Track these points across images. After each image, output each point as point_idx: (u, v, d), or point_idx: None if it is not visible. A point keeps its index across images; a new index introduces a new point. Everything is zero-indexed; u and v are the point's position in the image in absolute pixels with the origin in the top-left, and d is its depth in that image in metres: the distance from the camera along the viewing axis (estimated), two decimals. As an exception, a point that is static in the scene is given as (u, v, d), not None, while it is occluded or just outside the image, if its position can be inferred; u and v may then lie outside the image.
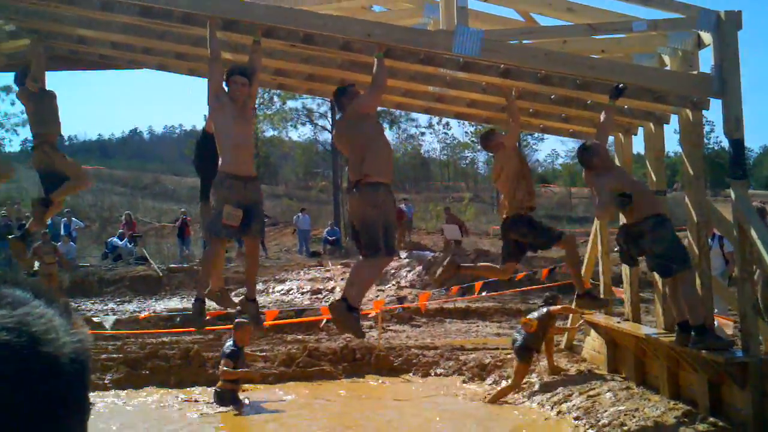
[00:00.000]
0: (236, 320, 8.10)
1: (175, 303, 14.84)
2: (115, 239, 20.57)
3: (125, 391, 8.62)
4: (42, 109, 7.05)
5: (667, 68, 6.13)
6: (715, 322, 6.43)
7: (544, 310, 8.14)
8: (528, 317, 8.11)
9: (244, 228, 5.63)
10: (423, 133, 41.13)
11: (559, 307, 8.32)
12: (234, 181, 5.59)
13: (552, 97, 6.92)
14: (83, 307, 14.36)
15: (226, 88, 5.73)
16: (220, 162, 5.69)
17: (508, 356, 9.35)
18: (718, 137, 43.61)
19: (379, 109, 31.15)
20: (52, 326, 0.77)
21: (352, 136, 5.74)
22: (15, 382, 0.71)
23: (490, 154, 8.02)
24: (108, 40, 7.27)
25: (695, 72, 5.89)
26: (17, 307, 0.76)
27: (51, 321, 0.77)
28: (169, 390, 8.70)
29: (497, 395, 7.94)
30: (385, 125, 36.11)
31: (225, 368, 7.87)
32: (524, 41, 6.01)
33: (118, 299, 15.48)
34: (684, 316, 5.84)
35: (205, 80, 5.89)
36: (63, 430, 0.75)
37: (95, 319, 11.38)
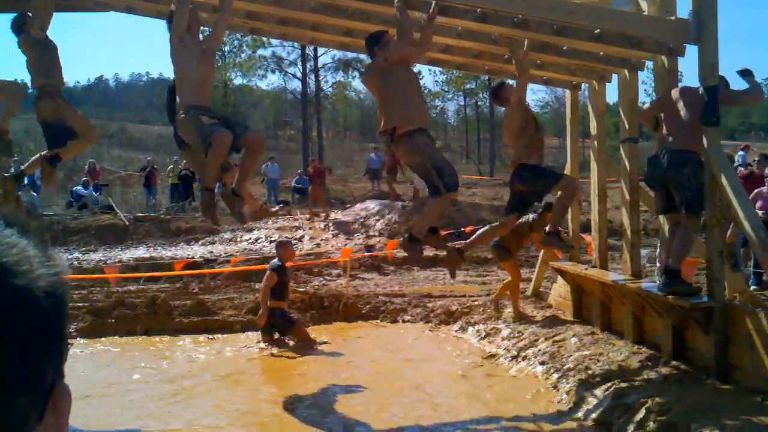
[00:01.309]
0: (279, 239, 8.69)
1: (141, 252, 14.66)
2: (79, 188, 20.13)
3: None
4: (47, 57, 6.72)
5: (645, 13, 6.05)
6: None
7: (530, 217, 8.44)
8: None
9: (235, 135, 5.68)
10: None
11: (538, 220, 8.44)
12: (199, 108, 5.75)
13: (527, 42, 6.81)
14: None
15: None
16: (180, 99, 5.74)
17: (475, 303, 9.46)
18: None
19: (350, 56, 30.36)
20: (26, 257, 0.69)
21: (384, 84, 5.85)
22: None
23: (461, 104, 8.02)
24: (72, -20, 6.93)
25: (673, 17, 5.83)
26: None
27: (24, 251, 0.69)
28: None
29: (500, 291, 8.96)
30: (355, 75, 35.71)
31: (265, 282, 8.20)
32: (501, -16, 5.86)
33: (84, 248, 15.23)
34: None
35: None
36: (37, 370, 0.68)
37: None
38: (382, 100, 5.93)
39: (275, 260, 8.50)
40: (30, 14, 6.67)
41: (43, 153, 7.03)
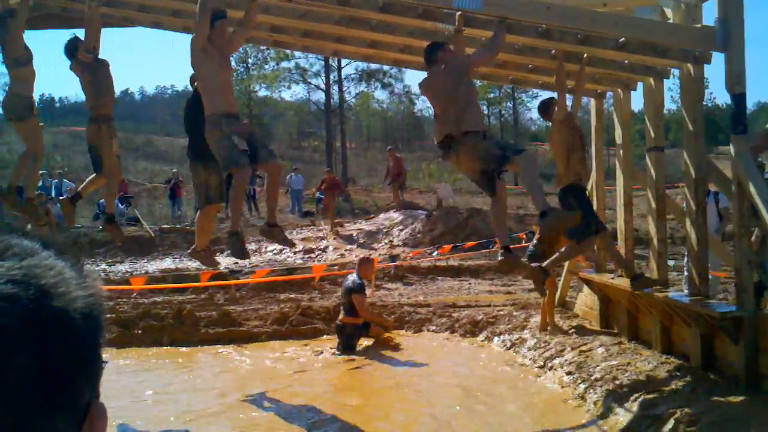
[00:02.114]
0: (362, 256, 9.00)
1: (167, 263, 14.82)
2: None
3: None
4: (97, 80, 6.85)
5: (670, 21, 6.02)
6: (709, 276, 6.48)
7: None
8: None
9: (255, 157, 5.82)
10: (412, 100, 40.91)
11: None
12: (230, 116, 5.84)
13: (552, 52, 6.81)
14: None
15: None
16: (208, 107, 5.83)
17: (500, 313, 9.42)
18: (712, 93, 43.60)
19: (373, 67, 30.42)
20: (63, 279, 0.70)
21: (452, 91, 5.87)
22: (22, 338, 0.65)
23: (485, 113, 8.04)
24: (101, -3, 7.07)
25: (698, 25, 5.79)
26: (25, 258, 0.70)
27: (61, 273, 0.71)
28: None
29: (547, 313, 8.33)
30: (378, 86, 35.85)
31: (362, 305, 8.38)
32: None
33: (110, 260, 15.43)
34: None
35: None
36: (74, 391, 0.70)
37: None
38: (452, 105, 5.91)
39: (354, 276, 8.64)
40: (80, 38, 6.76)
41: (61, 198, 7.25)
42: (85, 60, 6.74)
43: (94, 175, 7.10)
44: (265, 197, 6.41)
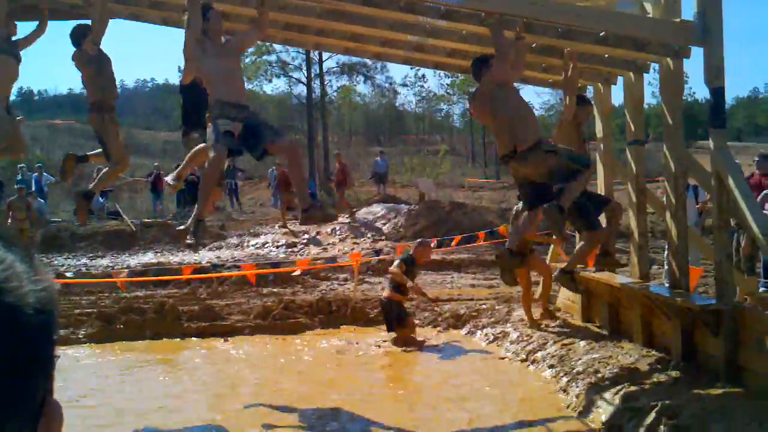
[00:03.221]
0: (419, 240, 9.19)
1: (148, 258, 14.70)
2: (86, 194, 20.16)
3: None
4: (101, 73, 6.68)
5: (649, 15, 6.05)
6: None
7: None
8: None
9: (259, 140, 5.67)
10: (396, 90, 40.91)
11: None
12: (226, 104, 5.69)
13: (534, 45, 6.81)
14: (55, 262, 14.17)
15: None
16: (211, 94, 5.79)
17: (483, 307, 9.45)
18: (691, 88, 44.05)
19: (354, 60, 30.28)
20: (14, 273, 0.68)
21: (495, 108, 5.88)
22: None
23: (467, 107, 8.04)
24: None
25: (677, 19, 5.82)
26: None
27: (12, 267, 0.68)
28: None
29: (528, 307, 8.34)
30: (360, 79, 35.75)
31: (395, 268, 8.35)
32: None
33: (91, 254, 15.29)
34: None
35: (181, 30, 5.85)
36: (25, 387, 0.67)
37: (68, 274, 11.24)
38: (497, 124, 5.94)
39: (409, 251, 8.66)
40: (88, 26, 6.57)
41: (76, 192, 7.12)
42: (90, 52, 6.57)
43: (106, 169, 6.96)
44: (293, 181, 6.11)
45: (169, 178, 7.07)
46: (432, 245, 12.08)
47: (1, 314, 0.65)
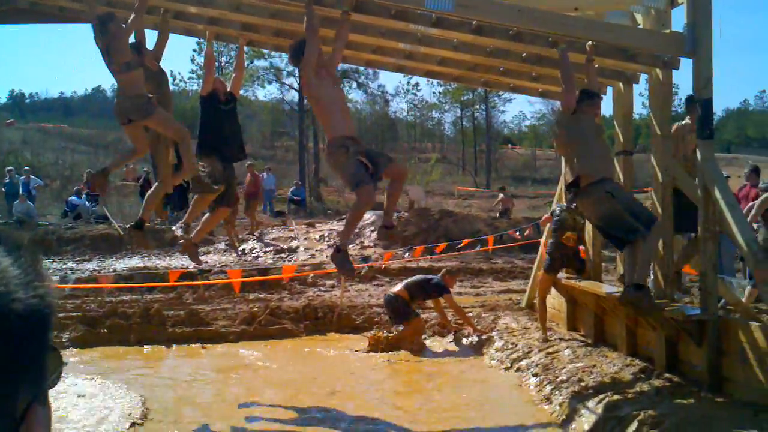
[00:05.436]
0: (447, 268, 9.50)
1: (135, 262, 14.61)
2: (73, 197, 20.06)
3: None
4: (159, 89, 6.66)
5: (640, 26, 6.09)
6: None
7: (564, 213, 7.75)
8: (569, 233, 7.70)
9: (378, 167, 5.79)
10: (387, 99, 41.01)
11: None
12: (349, 138, 5.79)
13: (524, 55, 6.84)
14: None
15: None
16: (332, 128, 5.83)
17: (469, 314, 9.43)
18: (681, 99, 44.44)
19: (346, 67, 30.36)
20: (3, 278, 0.66)
21: (567, 135, 5.99)
22: None
23: (458, 115, 8.04)
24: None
25: (668, 31, 5.86)
26: None
27: (3, 272, 0.67)
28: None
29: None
30: (353, 87, 35.81)
31: (457, 304, 8.80)
32: (497, -3, 5.89)
33: (78, 258, 15.17)
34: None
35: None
36: (7, 395, 0.66)
37: (53, 278, 11.14)
38: (567, 152, 5.97)
39: (437, 280, 8.87)
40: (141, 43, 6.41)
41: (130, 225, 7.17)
42: (153, 67, 6.59)
43: (151, 189, 7.02)
44: (388, 197, 6.26)
45: (178, 231, 7.11)
46: (420, 252, 12.12)
47: None
